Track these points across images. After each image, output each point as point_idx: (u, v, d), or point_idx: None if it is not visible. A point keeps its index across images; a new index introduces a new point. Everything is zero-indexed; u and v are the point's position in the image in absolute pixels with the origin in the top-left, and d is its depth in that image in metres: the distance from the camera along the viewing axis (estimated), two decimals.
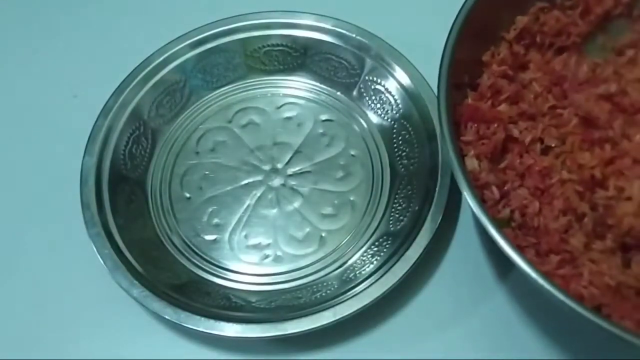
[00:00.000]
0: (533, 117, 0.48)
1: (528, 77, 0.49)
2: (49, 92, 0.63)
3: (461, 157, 0.44)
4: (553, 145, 0.47)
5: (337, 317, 0.46)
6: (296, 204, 0.55)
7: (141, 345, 0.50)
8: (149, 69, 0.58)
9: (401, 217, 0.52)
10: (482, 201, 0.43)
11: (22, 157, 0.60)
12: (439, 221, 0.49)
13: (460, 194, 0.50)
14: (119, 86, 0.57)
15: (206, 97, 0.61)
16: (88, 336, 0.51)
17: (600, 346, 0.43)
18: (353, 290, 0.47)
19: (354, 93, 0.60)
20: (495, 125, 0.46)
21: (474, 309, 0.50)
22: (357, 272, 0.50)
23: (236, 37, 0.60)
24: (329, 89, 0.61)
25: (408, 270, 0.47)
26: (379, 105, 0.59)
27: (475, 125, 0.46)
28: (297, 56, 0.61)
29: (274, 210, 0.55)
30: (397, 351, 0.49)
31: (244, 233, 0.54)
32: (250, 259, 0.53)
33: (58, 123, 0.61)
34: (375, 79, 0.58)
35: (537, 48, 0.51)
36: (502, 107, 0.47)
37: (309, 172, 0.57)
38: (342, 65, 0.60)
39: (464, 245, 0.52)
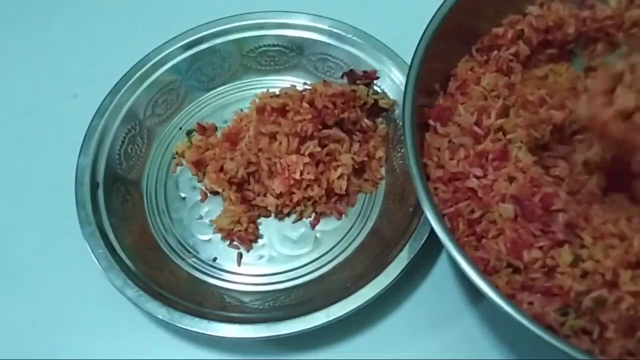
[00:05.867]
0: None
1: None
2: (49, 92, 0.63)
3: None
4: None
5: (330, 318, 0.46)
6: None
7: (135, 346, 0.50)
8: (144, 69, 0.59)
9: (395, 219, 0.52)
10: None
11: (20, 157, 0.60)
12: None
13: None
14: (114, 86, 0.58)
15: (202, 97, 0.61)
16: (81, 336, 0.51)
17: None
18: (346, 292, 0.47)
19: None
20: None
21: (469, 307, 0.50)
22: (351, 273, 0.50)
23: (232, 37, 0.60)
24: None
25: (401, 272, 0.47)
26: None
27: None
28: (292, 56, 0.61)
29: None
30: (392, 352, 0.49)
31: None
32: (245, 259, 0.53)
33: (57, 123, 0.61)
34: None
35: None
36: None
37: None
38: (337, 65, 0.60)
39: None
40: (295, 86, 0.57)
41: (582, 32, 0.52)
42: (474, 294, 0.50)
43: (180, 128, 0.59)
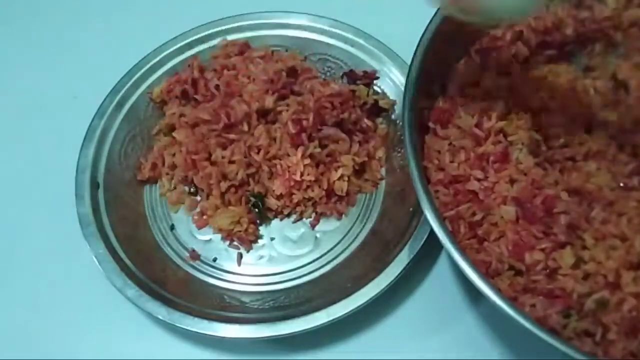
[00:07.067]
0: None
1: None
2: (49, 93, 0.64)
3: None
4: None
5: (330, 318, 0.46)
6: None
7: (135, 346, 0.50)
8: (144, 69, 0.59)
9: (395, 219, 0.52)
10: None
11: (20, 157, 0.60)
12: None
13: None
14: (114, 86, 0.57)
15: None
16: (81, 336, 0.51)
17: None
18: (346, 292, 0.47)
19: None
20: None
21: (469, 307, 0.50)
22: (351, 273, 0.50)
23: (232, 37, 0.60)
24: None
25: (401, 272, 0.47)
26: None
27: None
28: None
29: None
30: (392, 352, 0.49)
31: None
32: (245, 259, 0.53)
33: (57, 123, 0.61)
34: None
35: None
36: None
37: None
38: (337, 65, 0.60)
39: None
40: None
41: (580, 32, 0.52)
42: (473, 294, 0.50)
43: None
